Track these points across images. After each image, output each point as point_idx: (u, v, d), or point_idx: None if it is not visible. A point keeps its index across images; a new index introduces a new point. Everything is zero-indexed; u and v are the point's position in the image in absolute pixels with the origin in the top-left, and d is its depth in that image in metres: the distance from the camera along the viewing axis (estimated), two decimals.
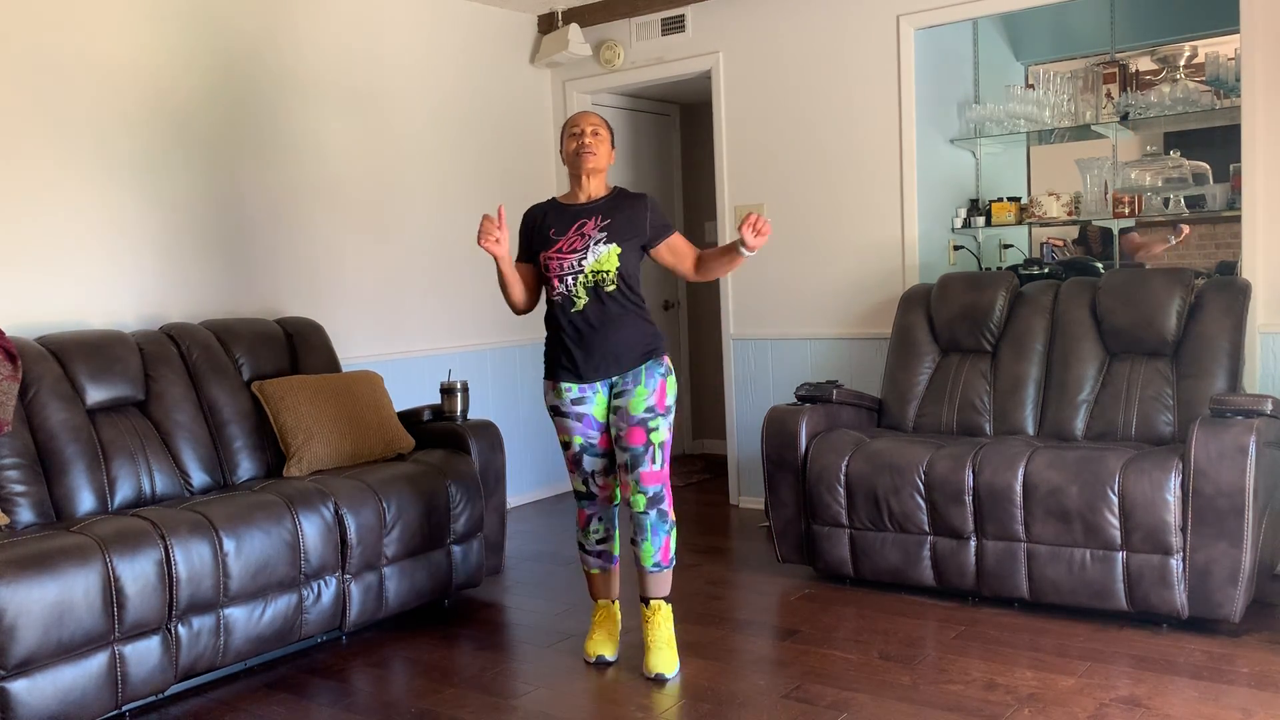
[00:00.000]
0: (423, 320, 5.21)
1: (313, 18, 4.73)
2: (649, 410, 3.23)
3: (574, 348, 3.25)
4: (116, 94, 4.03)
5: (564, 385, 3.28)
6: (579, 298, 3.23)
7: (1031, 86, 4.97)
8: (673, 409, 3.29)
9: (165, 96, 4.19)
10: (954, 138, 5.08)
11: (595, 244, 3.22)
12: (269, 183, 4.56)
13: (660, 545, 3.28)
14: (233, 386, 3.92)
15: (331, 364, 4.30)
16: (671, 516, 3.30)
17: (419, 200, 5.19)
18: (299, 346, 4.23)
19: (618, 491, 3.35)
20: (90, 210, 3.97)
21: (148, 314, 4.13)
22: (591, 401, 3.27)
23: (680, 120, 7.01)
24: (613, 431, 3.27)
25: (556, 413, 3.31)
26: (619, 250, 3.23)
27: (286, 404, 3.88)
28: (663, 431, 3.24)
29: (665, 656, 3.27)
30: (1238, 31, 4.09)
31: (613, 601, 3.47)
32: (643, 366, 3.26)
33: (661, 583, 3.32)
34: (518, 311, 3.41)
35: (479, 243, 3.18)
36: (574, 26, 5.51)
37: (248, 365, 4.03)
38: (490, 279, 5.49)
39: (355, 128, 4.90)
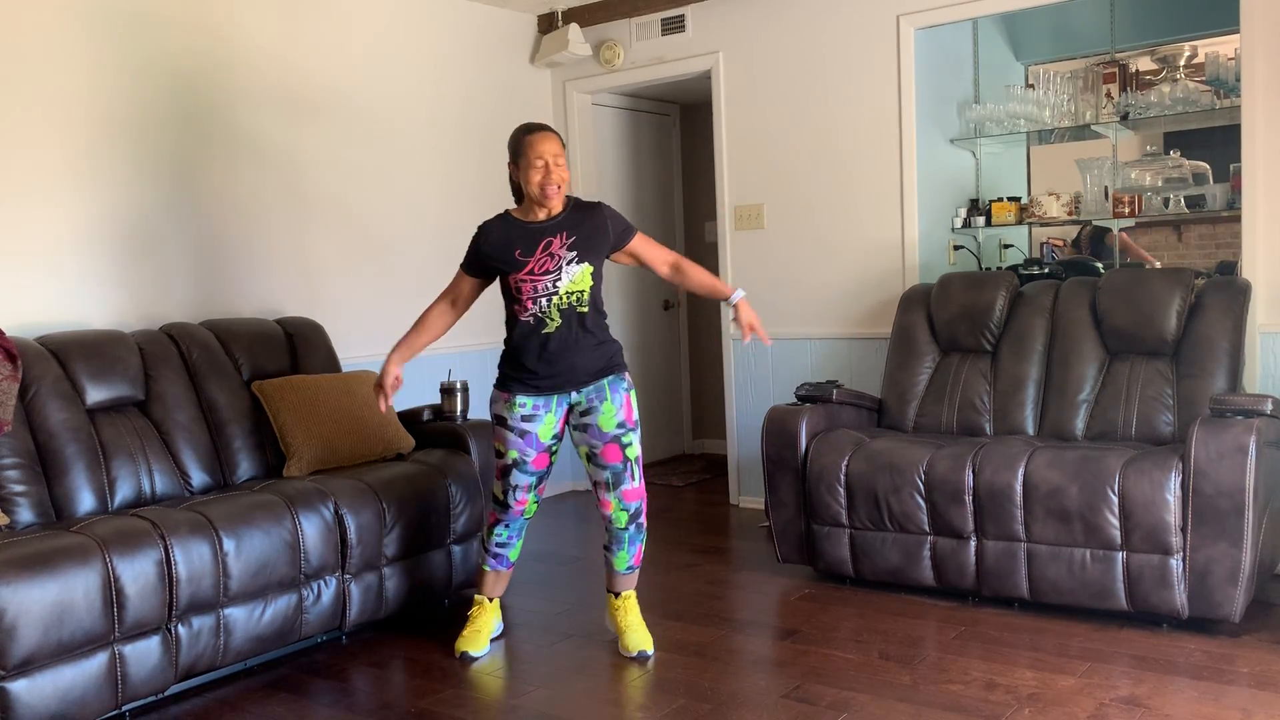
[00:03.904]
0: None
1: (312, 18, 4.72)
2: (620, 426, 3.32)
3: (537, 365, 3.27)
4: (116, 93, 4.03)
5: (518, 400, 3.30)
6: (552, 320, 3.24)
7: (1031, 86, 4.97)
8: (639, 424, 3.41)
9: (165, 96, 4.19)
10: (954, 138, 5.08)
11: (568, 264, 3.22)
12: (269, 182, 4.56)
13: (634, 552, 3.46)
14: (232, 386, 3.92)
15: (331, 364, 4.30)
16: (645, 524, 3.45)
17: (419, 200, 5.19)
18: (299, 346, 4.23)
19: (532, 507, 3.44)
20: (90, 210, 3.97)
21: (148, 314, 4.13)
22: (540, 420, 3.30)
23: (680, 120, 7.01)
24: (583, 450, 3.36)
25: (501, 423, 3.34)
26: (591, 269, 3.26)
27: (286, 404, 3.88)
28: (636, 445, 3.37)
29: (642, 635, 3.46)
30: (1238, 31, 4.09)
31: (492, 600, 3.58)
32: (605, 382, 3.31)
33: (632, 580, 3.52)
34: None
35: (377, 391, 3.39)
36: (574, 26, 5.52)
37: (248, 365, 4.03)
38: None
39: (355, 127, 4.90)
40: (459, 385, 4.24)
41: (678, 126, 7.00)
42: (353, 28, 4.90)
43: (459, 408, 4.23)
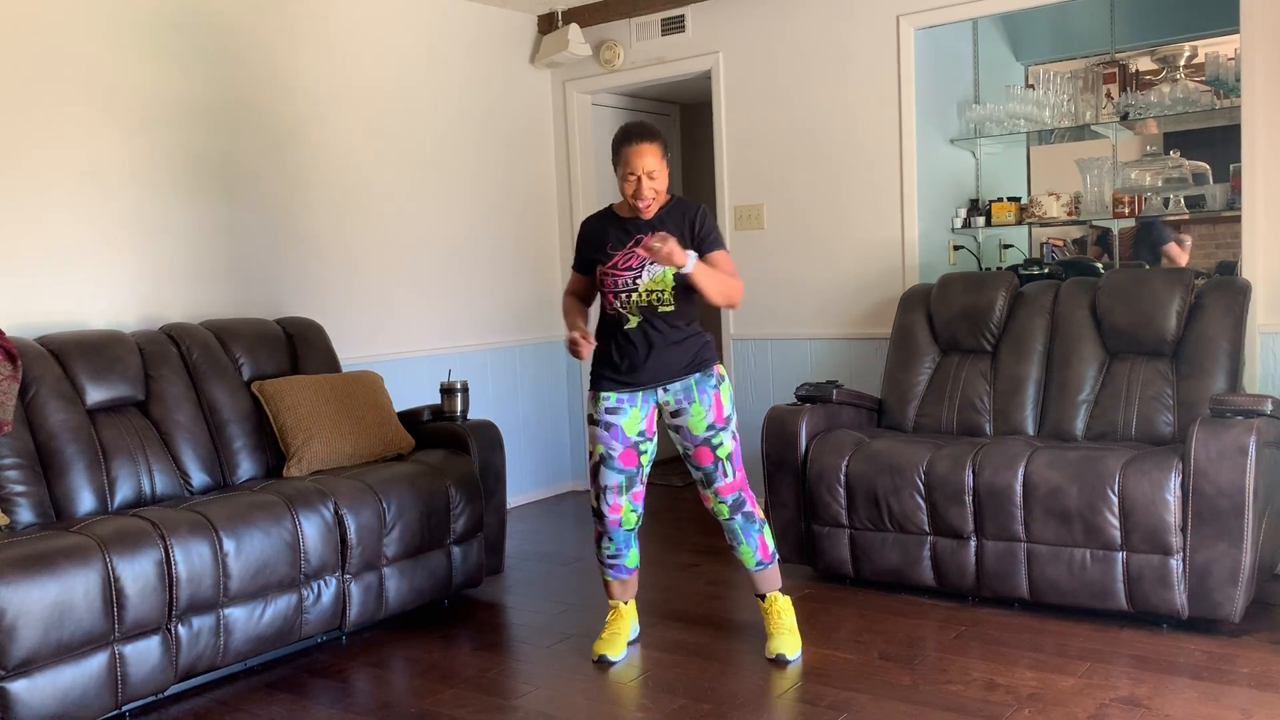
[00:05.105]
0: (423, 320, 5.21)
1: (313, 19, 4.72)
2: (710, 428, 3.27)
3: (620, 360, 3.27)
4: (116, 95, 4.03)
5: (603, 394, 3.29)
6: (632, 316, 3.24)
7: (1031, 86, 4.97)
8: (733, 416, 3.32)
9: (165, 97, 4.19)
10: (954, 138, 5.08)
11: (650, 263, 3.20)
12: (269, 182, 4.56)
13: (756, 545, 3.36)
14: (233, 386, 3.92)
15: (331, 364, 4.30)
16: (759, 515, 3.37)
17: (419, 200, 5.19)
18: (299, 346, 4.23)
19: (630, 517, 3.34)
20: (90, 210, 3.97)
21: (148, 314, 4.13)
22: (625, 414, 3.27)
23: (680, 120, 7.01)
24: (679, 449, 3.33)
25: (591, 422, 3.32)
26: (675, 269, 3.20)
27: (286, 404, 3.88)
28: (727, 444, 3.29)
29: (785, 640, 3.35)
30: (1238, 31, 4.09)
31: (626, 603, 3.48)
32: (691, 380, 3.27)
33: (769, 578, 3.41)
34: None
35: (572, 350, 3.21)
36: (574, 26, 5.51)
37: (248, 365, 4.03)
38: (490, 278, 5.51)
39: (355, 128, 4.90)
40: (459, 385, 4.24)
41: (678, 126, 7.00)
42: (352, 28, 4.90)
43: (459, 408, 4.23)
